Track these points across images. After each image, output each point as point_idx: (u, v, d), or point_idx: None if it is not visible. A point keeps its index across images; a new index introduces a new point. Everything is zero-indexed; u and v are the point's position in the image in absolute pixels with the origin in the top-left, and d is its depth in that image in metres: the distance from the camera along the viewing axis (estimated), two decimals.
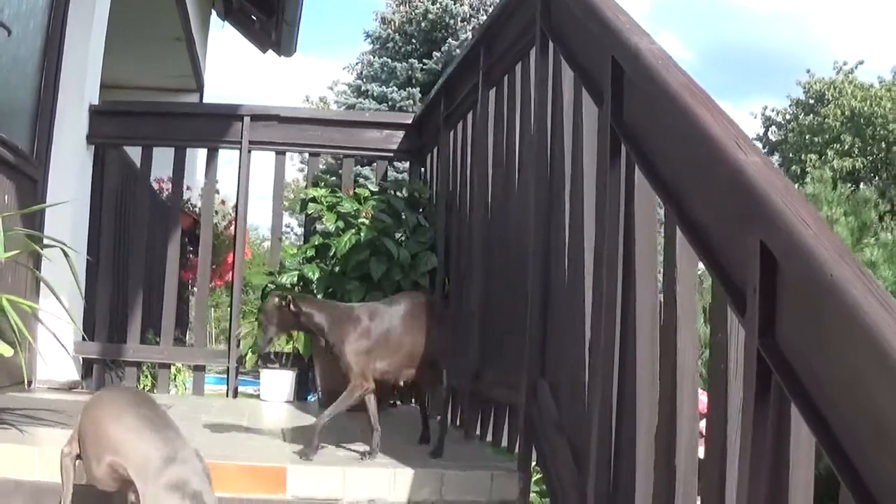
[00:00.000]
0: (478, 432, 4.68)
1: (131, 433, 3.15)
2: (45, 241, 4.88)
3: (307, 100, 39.55)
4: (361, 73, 29.16)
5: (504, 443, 4.31)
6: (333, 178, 7.34)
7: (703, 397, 2.61)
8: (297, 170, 31.39)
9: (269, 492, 3.64)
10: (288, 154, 7.36)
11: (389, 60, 27.33)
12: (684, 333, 2.54)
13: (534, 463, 3.78)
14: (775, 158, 36.52)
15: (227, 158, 7.10)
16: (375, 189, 6.50)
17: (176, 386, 8.82)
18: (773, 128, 37.91)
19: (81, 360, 6.61)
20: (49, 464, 3.60)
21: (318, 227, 6.53)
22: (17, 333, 3.90)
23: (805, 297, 1.83)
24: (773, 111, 37.87)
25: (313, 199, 6.50)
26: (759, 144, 37.23)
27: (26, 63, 5.95)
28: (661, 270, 2.71)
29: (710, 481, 2.30)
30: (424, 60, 26.42)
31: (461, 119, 5.67)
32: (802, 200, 1.91)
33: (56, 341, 5.09)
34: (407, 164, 7.56)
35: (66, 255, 4.37)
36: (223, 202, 10.11)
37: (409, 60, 26.91)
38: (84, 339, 6.36)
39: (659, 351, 2.68)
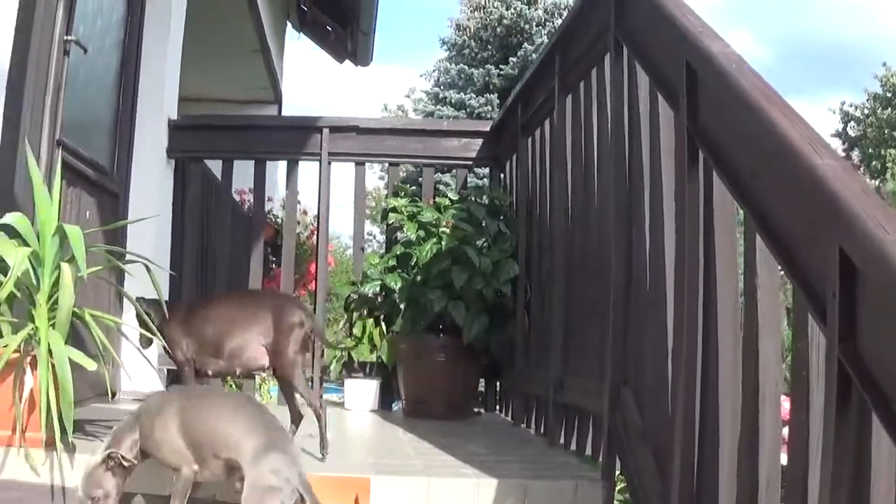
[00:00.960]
0: (562, 440, 4.65)
1: (243, 431, 3.36)
2: (127, 257, 4.94)
3: (385, 108, 39.68)
4: (438, 80, 29.19)
5: (588, 451, 4.28)
6: (413, 186, 7.32)
7: (786, 403, 2.58)
8: (378, 177, 31.53)
9: (353, 502, 3.64)
10: (373, 163, 7.36)
11: (466, 67, 27.30)
12: (767, 340, 2.51)
13: (618, 472, 3.75)
14: (855, 154, 36.03)
15: (308, 168, 7.14)
16: (455, 197, 6.50)
17: (261, 395, 8.90)
18: (852, 123, 37.37)
19: (166, 371, 6.68)
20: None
21: (400, 236, 6.56)
22: (101, 347, 3.95)
23: (885, 304, 1.79)
24: (850, 106, 37.31)
25: (394, 209, 6.53)
26: (839, 140, 36.78)
27: (103, 79, 6.01)
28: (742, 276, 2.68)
29: (792, 489, 2.26)
30: (501, 66, 26.37)
31: (539, 125, 5.66)
32: (881, 204, 1.88)
33: (139, 354, 5.15)
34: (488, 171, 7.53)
35: (148, 269, 4.42)
36: (304, 212, 10.17)
37: (486, 66, 26.86)
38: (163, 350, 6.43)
39: (741, 358, 2.65)
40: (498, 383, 6.76)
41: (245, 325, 4.44)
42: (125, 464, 3.36)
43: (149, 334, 4.50)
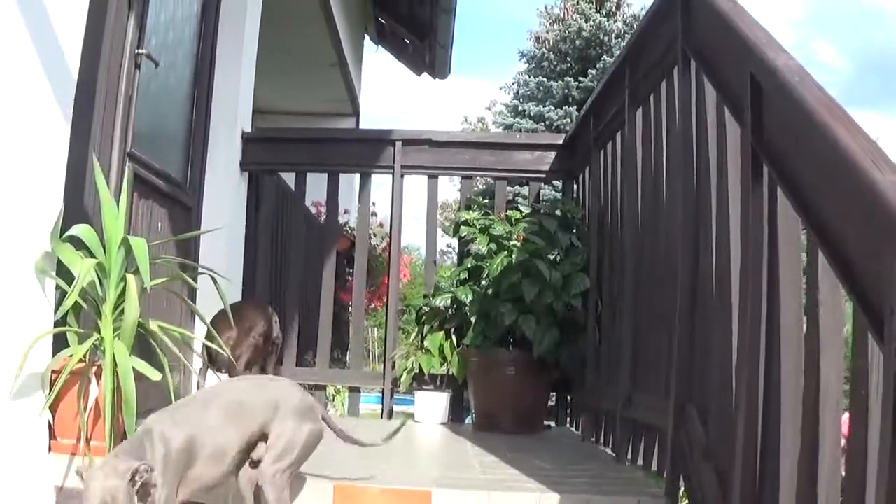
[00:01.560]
0: (629, 456, 4.62)
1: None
2: (193, 267, 4.98)
3: (465, 121, 39.74)
4: (518, 92, 29.13)
5: (654, 467, 4.24)
6: (486, 199, 7.32)
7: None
8: (457, 189, 31.59)
9: None
10: (445, 176, 7.35)
11: (545, 79, 27.25)
12: (827, 358, 2.46)
13: (682, 489, 3.71)
14: None
15: (384, 181, 7.15)
16: (527, 210, 6.48)
17: (335, 406, 8.93)
18: None
19: None
20: None
21: (472, 249, 6.55)
22: (167, 357, 3.98)
23: None
24: None
25: (466, 222, 6.53)
26: None
27: (176, 92, 6.07)
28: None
29: None
30: (580, 78, 26.29)
31: (610, 138, 5.63)
32: None
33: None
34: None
35: (214, 281, 4.45)
36: (381, 224, 10.21)
37: (565, 79, 26.79)
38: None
39: (803, 375, 2.62)
40: (569, 397, 6.73)
41: None
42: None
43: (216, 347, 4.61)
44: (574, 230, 6.35)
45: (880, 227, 1.95)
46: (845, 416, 2.47)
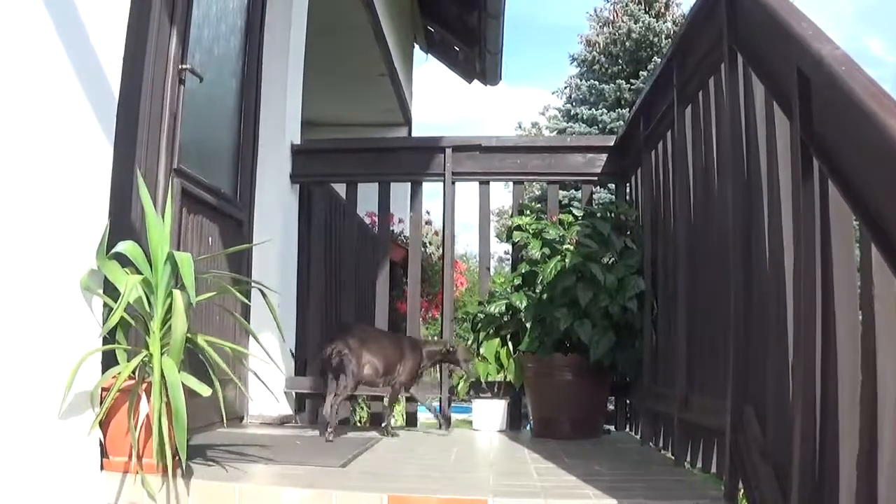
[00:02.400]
0: (688, 460, 4.56)
1: None
2: (245, 282, 4.97)
3: (519, 127, 39.82)
4: (570, 96, 29.19)
5: (713, 469, 4.18)
6: (539, 204, 7.29)
7: None
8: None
9: None
10: (497, 182, 7.31)
11: (597, 83, 27.26)
12: (884, 354, 2.40)
13: (741, 491, 3.65)
14: None
15: (438, 189, 7.12)
16: (580, 214, 6.43)
17: (394, 416, 8.91)
18: None
19: (295, 394, 6.73)
20: (249, 499, 3.70)
21: (525, 254, 6.52)
22: (216, 372, 3.97)
23: None
24: None
25: (518, 227, 6.49)
26: None
27: (223, 107, 6.11)
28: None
29: None
30: (631, 80, 26.27)
31: (661, 138, 5.58)
32: None
33: (265, 377, 5.18)
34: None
35: (263, 294, 4.43)
36: (436, 233, 10.18)
37: (617, 81, 26.77)
38: (291, 374, 6.53)
39: (860, 372, 2.55)
40: (627, 401, 6.67)
41: None
42: None
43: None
44: (628, 232, 6.30)
45: None
46: None
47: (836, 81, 2.44)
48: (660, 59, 23.95)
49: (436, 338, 6.16)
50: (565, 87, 30.77)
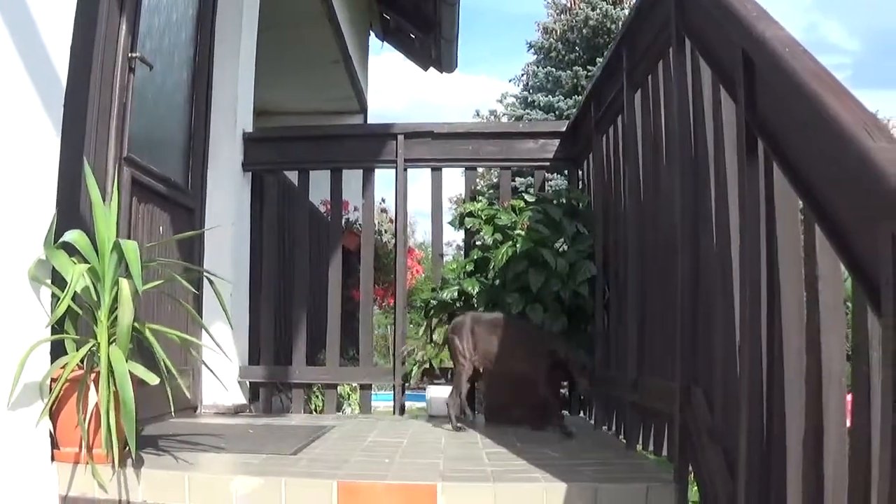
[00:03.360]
0: (640, 442, 4.57)
1: None
2: (195, 271, 4.94)
3: (477, 114, 39.76)
4: (527, 84, 29.20)
5: (664, 452, 4.19)
6: (492, 191, 7.30)
7: None
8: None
9: None
10: (450, 168, 7.28)
11: (554, 70, 27.31)
12: (830, 334, 2.41)
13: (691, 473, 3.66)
14: None
15: (392, 177, 7.09)
16: (532, 199, 6.43)
17: (350, 405, 8.90)
18: None
19: (248, 383, 6.70)
20: (201, 489, 3.70)
21: (478, 240, 6.52)
22: (164, 361, 3.94)
23: None
24: None
25: (470, 214, 6.49)
26: None
27: (174, 96, 6.07)
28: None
29: (855, 488, 2.16)
30: (588, 67, 26.32)
31: (611, 123, 5.59)
32: None
33: (218, 367, 5.16)
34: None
35: (211, 283, 4.41)
36: (391, 220, 10.16)
37: (574, 68, 26.84)
38: (245, 363, 6.51)
39: (805, 353, 2.56)
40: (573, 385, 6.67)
41: None
42: None
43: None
44: (580, 217, 6.30)
45: (873, 195, 1.89)
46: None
47: (779, 62, 2.44)
48: None
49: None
50: (522, 75, 30.82)
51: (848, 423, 2.34)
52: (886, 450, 1.86)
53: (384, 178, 7.14)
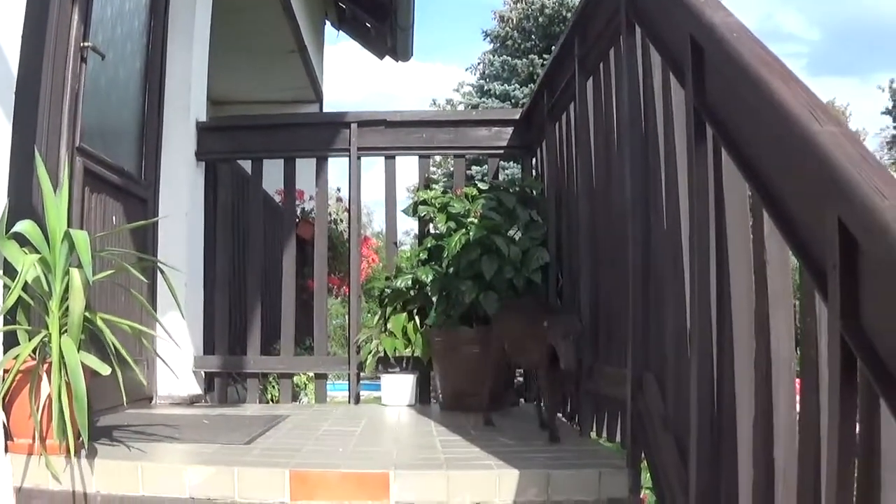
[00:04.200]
0: (594, 429, 4.58)
1: None
2: (148, 260, 4.91)
3: (434, 103, 39.72)
4: (484, 72, 29.21)
5: (618, 438, 4.21)
6: (446, 179, 7.29)
7: None
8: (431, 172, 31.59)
9: (372, 498, 3.61)
10: (403, 157, 7.25)
11: (510, 58, 27.33)
12: (778, 319, 2.42)
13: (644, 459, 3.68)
14: None
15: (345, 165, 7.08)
16: (485, 187, 6.43)
17: (306, 394, 8.87)
18: None
19: (204, 374, 6.67)
20: (154, 478, 3.69)
21: (431, 229, 6.52)
22: (115, 351, 3.93)
23: (884, 276, 1.70)
24: None
25: (424, 202, 6.47)
26: (889, 118, 36.54)
27: (127, 85, 6.03)
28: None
29: (806, 471, 2.17)
30: (544, 56, 26.32)
31: (564, 110, 5.59)
32: (881, 169, 1.78)
33: (172, 357, 5.14)
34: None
35: (162, 272, 4.39)
36: (346, 210, 10.14)
37: (529, 56, 26.88)
38: (200, 353, 6.49)
39: (754, 338, 2.57)
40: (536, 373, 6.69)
41: None
42: None
43: None
44: (534, 205, 6.30)
45: (819, 179, 1.90)
46: None
47: (727, 48, 2.46)
48: None
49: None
50: (478, 63, 30.82)
51: (798, 408, 2.36)
52: (834, 433, 1.87)
53: (340, 168, 7.10)
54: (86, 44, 5.06)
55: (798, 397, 2.28)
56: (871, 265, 1.76)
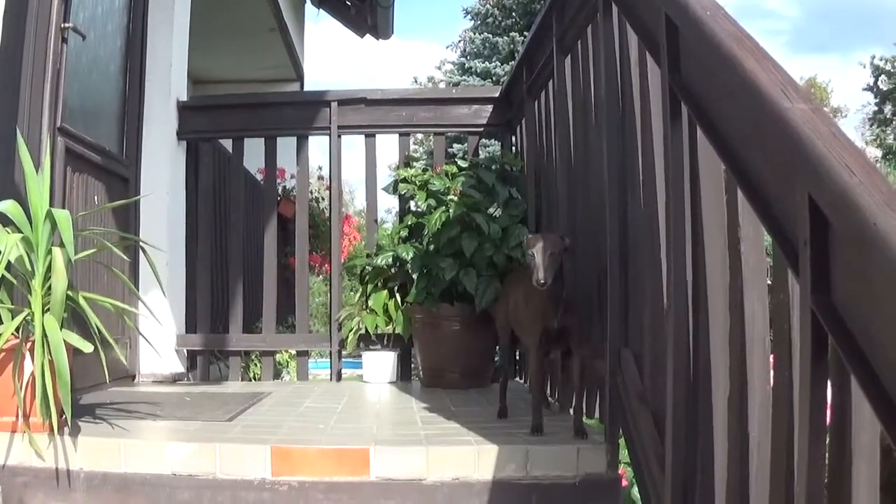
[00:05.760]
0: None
1: None
2: (130, 239, 4.92)
3: (415, 81, 39.68)
4: (465, 50, 29.18)
5: (597, 414, 4.24)
6: (427, 157, 7.31)
7: None
8: (412, 150, 31.59)
9: (352, 474, 3.65)
10: (384, 135, 7.26)
11: (490, 36, 27.29)
12: (752, 295, 2.45)
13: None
14: (888, 108, 35.87)
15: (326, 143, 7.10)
16: (465, 165, 6.45)
17: (289, 372, 8.90)
18: (883, 77, 37.19)
19: (186, 352, 6.69)
20: (137, 455, 3.73)
21: (412, 206, 6.55)
22: (97, 331, 3.95)
23: (854, 252, 1.72)
24: (881, 60, 37.18)
25: (404, 180, 6.49)
26: (871, 94, 36.61)
27: (108, 65, 6.02)
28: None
29: (778, 447, 2.20)
30: (525, 33, 26.17)
31: (542, 88, 5.62)
32: (850, 146, 1.80)
33: (155, 335, 5.16)
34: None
35: (143, 251, 4.41)
36: (328, 188, 10.16)
37: (510, 34, 26.84)
38: (182, 331, 6.51)
39: (728, 314, 2.59)
40: (517, 350, 6.71)
41: None
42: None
43: None
44: (513, 182, 6.32)
45: (790, 156, 1.92)
46: None
47: (701, 26, 2.47)
48: None
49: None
50: (459, 41, 30.81)
51: (771, 382, 2.39)
52: (805, 408, 1.90)
53: (322, 146, 7.11)
54: (66, 24, 5.05)
55: (772, 372, 2.31)
56: (841, 242, 1.78)
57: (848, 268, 1.77)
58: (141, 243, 4.50)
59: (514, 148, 6.93)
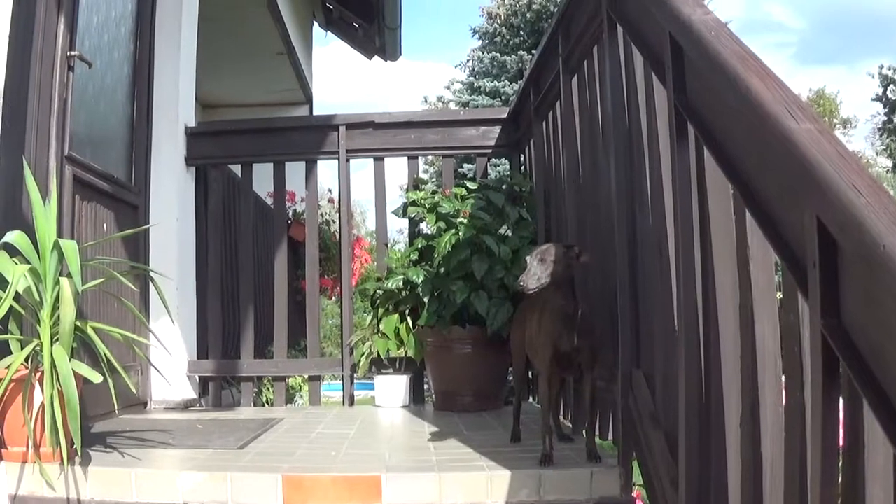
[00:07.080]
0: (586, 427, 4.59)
1: None
2: (139, 268, 4.92)
3: (425, 101, 39.78)
4: (473, 69, 29.16)
5: (610, 436, 4.21)
6: (435, 178, 7.31)
7: None
8: (423, 171, 31.61)
9: (365, 501, 3.63)
10: (392, 158, 7.25)
11: (499, 55, 27.26)
12: (763, 316, 2.43)
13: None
14: None
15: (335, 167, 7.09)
16: (474, 187, 6.44)
17: (301, 396, 8.88)
18: (892, 86, 37.17)
19: (198, 378, 6.67)
20: (147, 485, 3.71)
21: (422, 229, 6.54)
22: (107, 359, 3.95)
23: (863, 273, 1.71)
24: (890, 70, 37.14)
25: (413, 203, 6.48)
26: (880, 104, 36.59)
27: (115, 92, 6.02)
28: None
29: (792, 464, 2.18)
30: (533, 52, 26.20)
31: (550, 108, 5.61)
32: (858, 167, 1.79)
33: (165, 362, 5.14)
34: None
35: (151, 279, 4.40)
36: (338, 211, 10.16)
37: (518, 52, 26.79)
38: (194, 357, 6.50)
39: (739, 334, 2.57)
40: (530, 372, 6.69)
41: None
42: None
43: None
44: (523, 203, 6.31)
45: (797, 177, 1.91)
46: None
47: (705, 46, 2.46)
48: None
49: None
50: (468, 60, 30.79)
51: (783, 402, 2.37)
52: (818, 430, 1.88)
53: (332, 168, 7.09)
54: (72, 53, 5.06)
55: (784, 393, 2.29)
56: (850, 264, 1.77)
57: (857, 290, 1.75)
58: (149, 272, 4.49)
59: (522, 167, 6.91)
